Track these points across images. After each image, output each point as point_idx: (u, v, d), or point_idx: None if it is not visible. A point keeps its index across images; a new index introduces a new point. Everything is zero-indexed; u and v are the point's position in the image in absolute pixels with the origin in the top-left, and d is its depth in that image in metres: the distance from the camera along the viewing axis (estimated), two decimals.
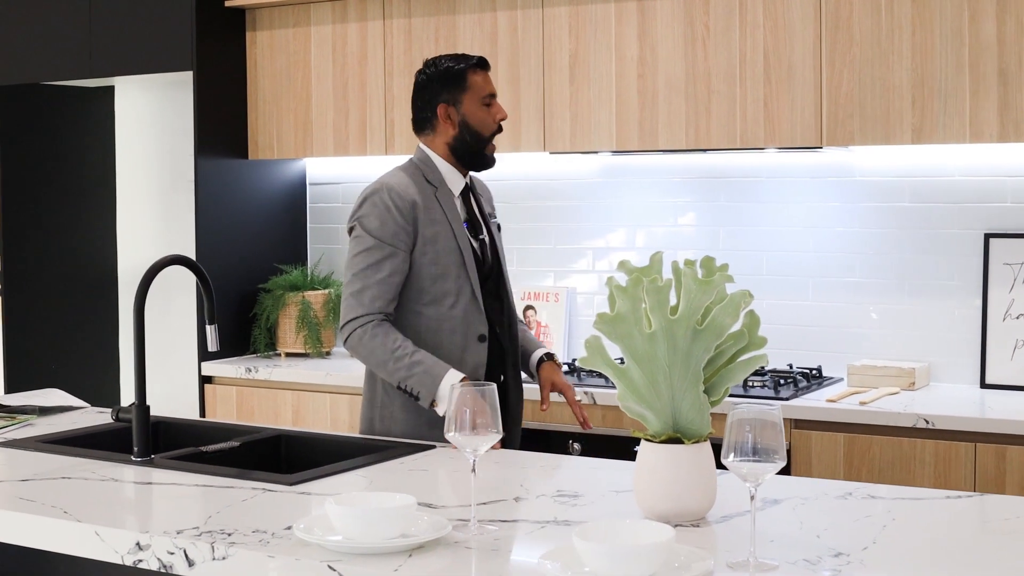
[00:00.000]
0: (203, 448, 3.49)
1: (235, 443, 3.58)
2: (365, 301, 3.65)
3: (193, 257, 5.55)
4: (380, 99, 5.34)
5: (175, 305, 6.13)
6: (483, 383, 2.65)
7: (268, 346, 5.64)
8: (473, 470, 2.67)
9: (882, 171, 4.75)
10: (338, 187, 5.89)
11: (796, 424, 4.25)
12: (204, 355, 5.49)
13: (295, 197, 5.92)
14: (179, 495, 3.03)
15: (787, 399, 4.32)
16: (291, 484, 3.06)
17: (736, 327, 2.68)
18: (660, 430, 2.68)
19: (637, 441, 2.73)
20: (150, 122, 6.35)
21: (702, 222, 5.09)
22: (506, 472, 3.21)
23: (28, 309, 6.14)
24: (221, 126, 5.59)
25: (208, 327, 3.61)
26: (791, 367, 4.81)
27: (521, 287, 5.39)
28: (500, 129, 3.82)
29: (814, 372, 4.72)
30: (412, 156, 3.85)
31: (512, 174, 5.44)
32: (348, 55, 5.42)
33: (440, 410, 3.54)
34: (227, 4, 5.55)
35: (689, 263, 2.73)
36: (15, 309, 6.12)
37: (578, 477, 3.20)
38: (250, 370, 5.35)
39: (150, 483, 3.15)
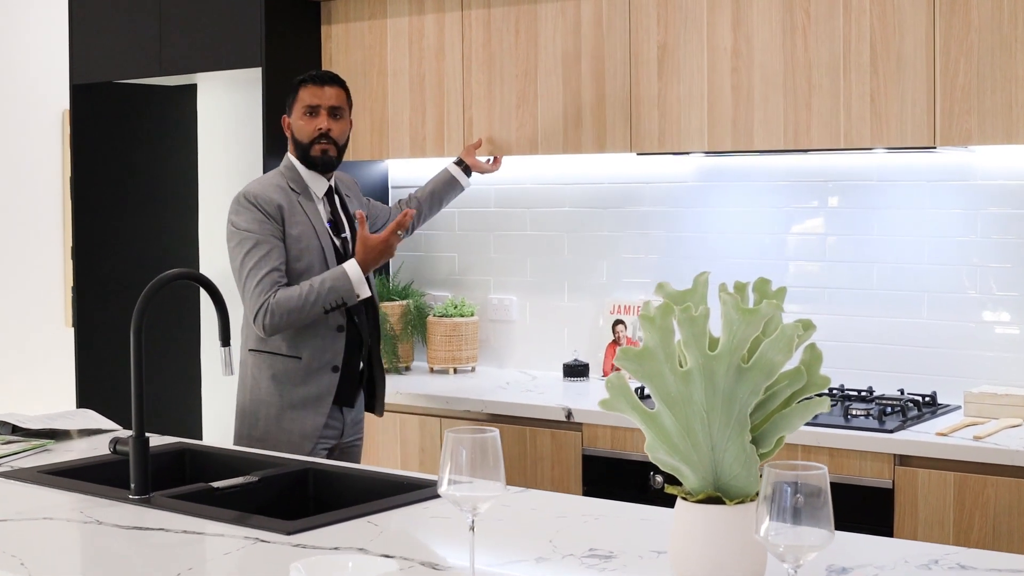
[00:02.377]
0: (214, 484, 3.13)
1: (253, 478, 3.22)
2: (261, 286, 4.04)
3: None
4: (458, 95, 4.96)
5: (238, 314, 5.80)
6: (483, 429, 2.23)
7: None
8: (471, 529, 2.26)
9: (1006, 173, 4.23)
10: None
11: (901, 460, 3.77)
12: None
13: (377, 200, 5.54)
14: (160, 544, 2.66)
15: (892, 431, 3.83)
16: (288, 533, 2.67)
17: (792, 364, 2.23)
18: (698, 487, 2.24)
19: None
20: (232, 121, 6.03)
21: (804, 230, 4.61)
22: (539, 521, 2.79)
23: (102, 318, 5.85)
24: None
25: (222, 349, 3.24)
26: (902, 393, 4.32)
27: (609, 300, 4.96)
28: (329, 141, 4.21)
29: (927, 399, 4.23)
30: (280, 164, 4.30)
31: (597, 176, 5.02)
32: (425, 49, 5.04)
33: (363, 291, 4.09)
34: None
35: (740, 286, 2.29)
36: (89, 318, 5.85)
37: (619, 530, 2.76)
38: None
39: (136, 527, 2.78)
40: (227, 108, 6.04)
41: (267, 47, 5.13)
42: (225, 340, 3.24)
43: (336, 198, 4.30)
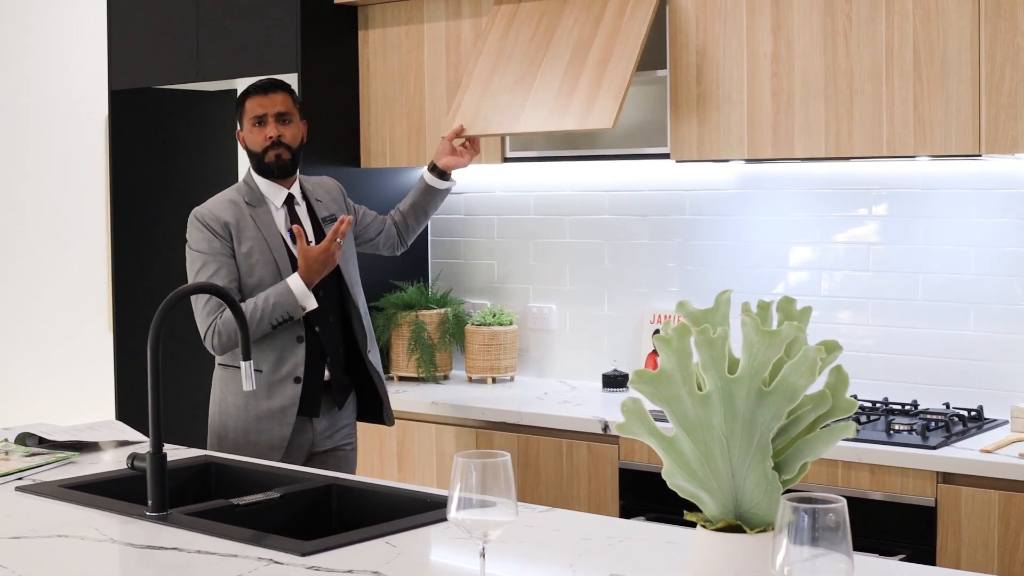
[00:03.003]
0: (234, 501, 3.07)
1: (275, 494, 3.16)
2: (208, 306, 4.09)
3: None
4: None
5: None
6: (494, 453, 2.16)
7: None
8: (482, 555, 2.19)
9: None
10: (460, 197, 5.44)
11: (944, 478, 3.66)
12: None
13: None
14: (171, 564, 2.60)
15: (935, 447, 3.72)
16: (303, 554, 2.61)
17: (817, 387, 2.14)
18: (717, 515, 2.15)
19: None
20: None
21: (847, 239, 4.50)
22: (562, 543, 2.71)
23: (140, 323, 5.81)
24: (331, 132, 5.19)
25: (243, 364, 3.18)
26: (947, 407, 4.21)
27: (647, 309, 4.88)
28: (281, 146, 4.21)
29: (973, 414, 4.11)
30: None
31: (636, 184, 4.94)
32: (462, 55, 4.97)
33: (309, 304, 4.10)
34: (337, 2, 5.15)
35: (763, 306, 2.20)
36: (127, 323, 5.82)
37: (643, 554, 2.67)
38: None
39: (149, 546, 2.73)
40: None
41: (303, 52, 5.08)
42: (246, 355, 3.18)
43: (303, 205, 4.31)
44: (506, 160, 4.89)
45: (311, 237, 4.25)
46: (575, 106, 4.38)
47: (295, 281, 4.08)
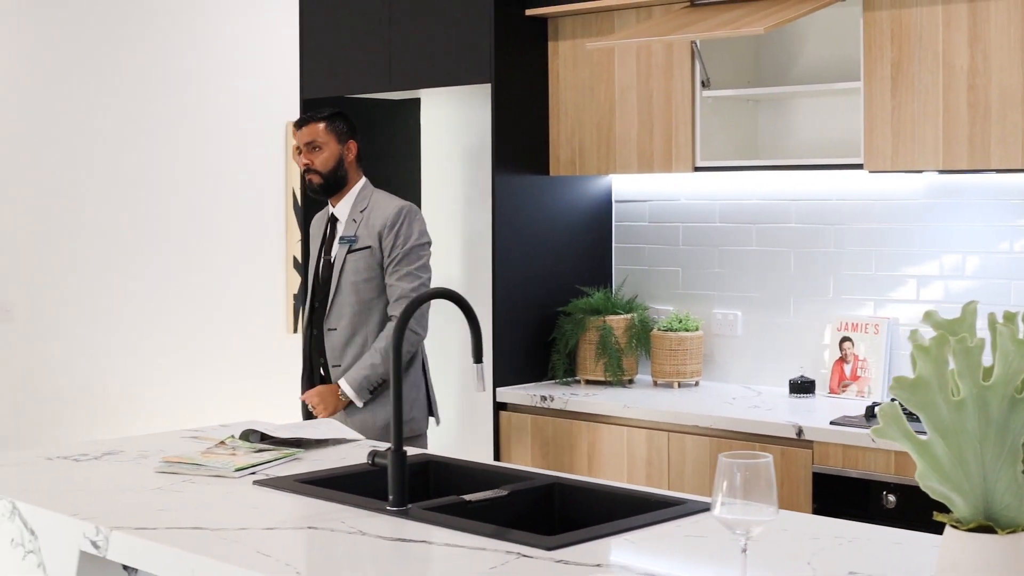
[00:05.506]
0: (466, 497, 3.22)
1: (503, 492, 3.30)
2: None
3: (490, 277, 5.33)
4: (687, 112, 4.99)
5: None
6: (756, 454, 2.28)
7: (567, 372, 5.36)
8: (744, 551, 2.31)
9: None
10: (644, 205, 5.56)
11: None
12: (499, 380, 5.26)
13: (599, 215, 5.63)
14: (425, 556, 2.76)
15: None
16: (549, 549, 2.74)
17: None
18: (968, 516, 2.25)
19: None
20: (455, 135, 6.16)
21: None
22: (794, 543, 2.81)
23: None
24: (520, 141, 5.35)
25: (475, 366, 3.33)
26: None
27: (836, 316, 4.96)
28: (311, 172, 4.92)
29: None
30: None
31: (821, 193, 5.02)
32: (653, 66, 5.09)
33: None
34: (528, 13, 5.30)
35: (1009, 316, 2.29)
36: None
37: (876, 555, 2.77)
38: (545, 398, 5.08)
39: (399, 539, 2.88)
40: (449, 122, 6.17)
41: (496, 63, 5.23)
42: (478, 357, 3.33)
43: (344, 223, 4.95)
44: (696, 169, 4.99)
45: (333, 254, 4.94)
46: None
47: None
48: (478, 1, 5.28)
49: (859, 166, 4.57)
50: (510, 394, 5.21)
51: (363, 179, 4.98)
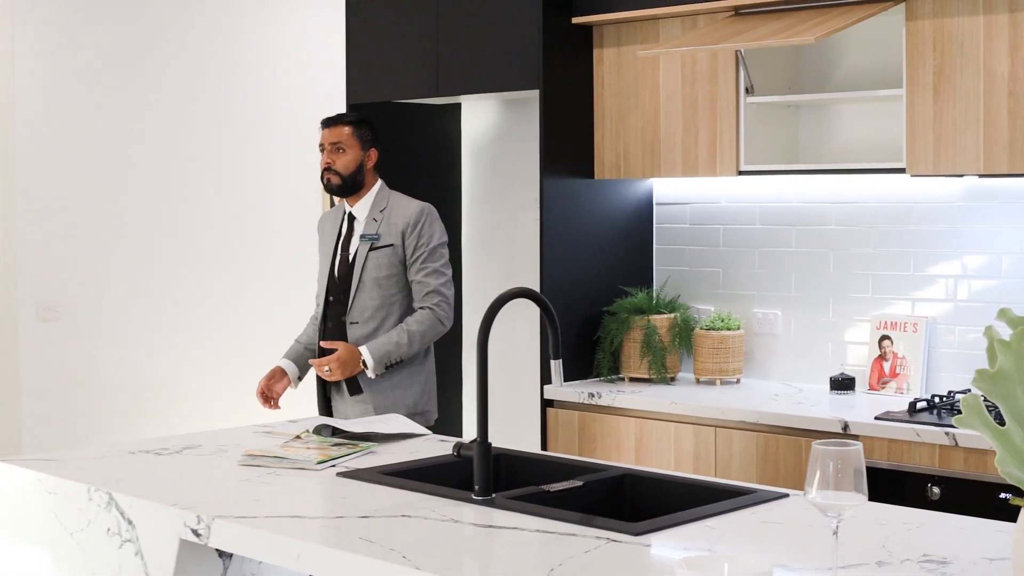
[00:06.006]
0: (546, 487, 3.38)
1: (579, 482, 3.46)
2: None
3: (537, 279, 5.50)
4: (731, 118, 5.15)
5: (519, 322, 6.09)
6: (847, 442, 2.44)
7: (611, 370, 5.52)
8: (835, 533, 2.47)
9: None
10: (686, 207, 5.73)
11: None
12: (546, 377, 5.42)
13: (641, 217, 5.79)
14: (519, 541, 2.92)
15: None
16: (635, 534, 2.91)
17: None
18: None
19: (1001, 488, 2.47)
20: (494, 140, 6.33)
21: None
22: (865, 528, 2.98)
23: None
24: (567, 145, 5.51)
25: (553, 362, 3.50)
26: None
27: (876, 314, 5.12)
28: (331, 171, 5.03)
29: None
30: None
31: (861, 196, 5.18)
32: (698, 72, 5.25)
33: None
34: (574, 21, 5.46)
35: None
36: None
37: (945, 538, 2.94)
38: (592, 395, 5.24)
39: (490, 526, 3.05)
40: (489, 128, 6.34)
41: (544, 70, 5.39)
42: (556, 353, 3.49)
43: (362, 223, 5.06)
44: (741, 173, 5.15)
45: (352, 251, 5.04)
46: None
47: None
48: (526, 9, 5.44)
49: (901, 170, 4.73)
50: (557, 391, 5.37)
51: (379, 181, 5.11)
